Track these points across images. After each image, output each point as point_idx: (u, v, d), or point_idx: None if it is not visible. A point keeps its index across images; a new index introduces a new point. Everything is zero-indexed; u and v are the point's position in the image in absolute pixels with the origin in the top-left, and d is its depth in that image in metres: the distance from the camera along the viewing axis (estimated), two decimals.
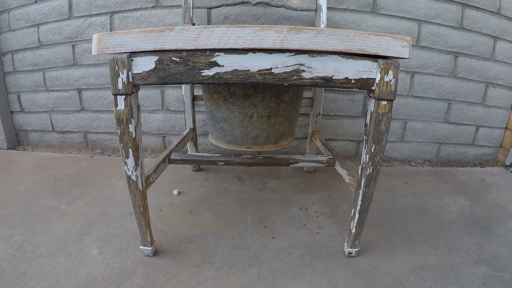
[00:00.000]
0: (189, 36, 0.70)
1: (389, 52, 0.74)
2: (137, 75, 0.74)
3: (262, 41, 0.71)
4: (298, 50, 0.73)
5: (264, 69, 0.74)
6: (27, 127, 1.95)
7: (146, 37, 0.71)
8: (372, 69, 0.76)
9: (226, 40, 0.70)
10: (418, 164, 1.77)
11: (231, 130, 1.07)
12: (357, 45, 0.73)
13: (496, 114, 1.83)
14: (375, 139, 0.80)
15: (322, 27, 1.31)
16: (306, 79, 0.75)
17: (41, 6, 1.73)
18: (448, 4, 1.62)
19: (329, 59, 0.74)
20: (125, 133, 0.79)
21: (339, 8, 1.54)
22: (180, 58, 0.73)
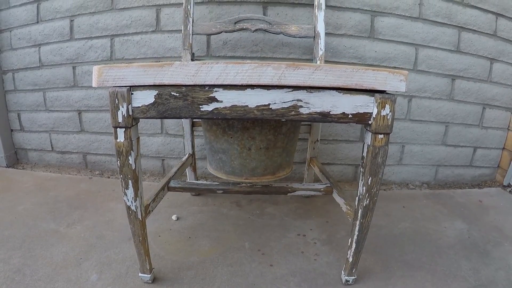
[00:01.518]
0: (188, 72, 0.71)
1: (386, 86, 0.76)
2: (137, 108, 0.75)
3: (261, 78, 0.72)
4: (296, 86, 0.74)
5: (262, 105, 0.75)
6: (26, 146, 1.96)
7: (145, 72, 0.72)
8: (369, 104, 0.76)
9: (225, 77, 0.72)
10: (416, 186, 1.77)
11: (230, 161, 1.08)
12: (354, 80, 0.74)
13: (493, 135, 1.84)
14: (371, 172, 0.81)
15: (320, 54, 1.34)
16: (303, 114, 0.76)
17: (42, 26, 1.75)
18: (445, 28, 1.64)
19: (326, 94, 0.75)
20: (125, 165, 0.79)
21: (337, 34, 1.56)
22: (179, 93, 0.73)
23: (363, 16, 1.56)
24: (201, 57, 1.57)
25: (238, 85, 0.73)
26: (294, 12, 1.53)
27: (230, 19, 1.34)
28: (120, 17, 1.62)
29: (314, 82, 0.73)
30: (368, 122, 0.78)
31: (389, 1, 1.57)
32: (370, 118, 0.77)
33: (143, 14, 1.59)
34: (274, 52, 1.56)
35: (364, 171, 0.83)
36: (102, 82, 0.74)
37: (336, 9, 1.54)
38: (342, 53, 1.58)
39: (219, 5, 1.53)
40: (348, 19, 1.56)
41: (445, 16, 1.63)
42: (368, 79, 0.75)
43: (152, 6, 1.58)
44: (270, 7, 1.53)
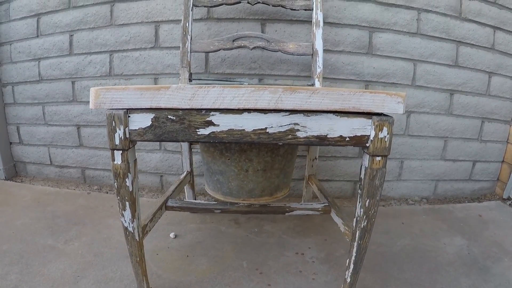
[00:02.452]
0: (185, 96, 0.71)
1: (384, 109, 0.75)
2: (134, 131, 0.75)
3: (257, 102, 0.72)
4: (293, 110, 0.74)
5: (259, 129, 0.75)
6: (25, 159, 1.96)
7: (142, 95, 0.72)
8: (367, 126, 0.76)
9: (221, 101, 0.71)
10: (415, 202, 1.77)
11: (227, 182, 1.08)
12: (351, 103, 0.74)
13: (492, 149, 1.84)
14: (369, 194, 0.81)
15: (318, 72, 1.34)
16: (300, 138, 0.76)
17: (42, 40, 1.76)
18: (443, 43, 1.65)
19: (323, 118, 0.75)
20: (122, 186, 0.79)
21: (335, 51, 1.57)
22: (176, 117, 0.73)
23: (361, 32, 1.57)
24: (200, 74, 1.58)
25: (235, 109, 0.73)
26: (292, 29, 1.54)
27: (228, 37, 1.34)
28: (119, 33, 1.62)
29: (311, 106, 0.73)
30: (366, 145, 0.77)
31: (387, 17, 1.57)
32: (367, 141, 0.77)
33: (142, 30, 1.60)
34: (273, 69, 1.57)
35: (362, 193, 0.82)
36: (99, 104, 0.74)
37: (334, 26, 1.55)
38: (340, 70, 1.58)
39: (218, 22, 1.54)
40: (346, 36, 1.57)
41: (443, 31, 1.64)
42: (365, 102, 0.74)
43: (151, 23, 1.59)
44: (269, 24, 1.54)
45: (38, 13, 1.76)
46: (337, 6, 1.54)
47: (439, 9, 1.63)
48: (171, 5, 1.56)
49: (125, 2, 1.60)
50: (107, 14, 1.63)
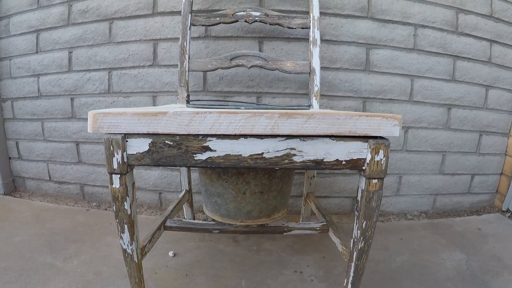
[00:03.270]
0: (182, 122, 0.72)
1: (380, 132, 0.76)
2: (131, 155, 0.75)
3: (254, 127, 0.73)
4: (289, 135, 0.75)
5: (255, 154, 0.75)
6: (24, 174, 1.96)
7: (139, 120, 0.72)
8: (363, 150, 0.76)
9: (218, 126, 0.72)
10: (414, 216, 1.77)
11: (225, 204, 1.08)
12: (347, 127, 0.75)
13: (491, 161, 1.85)
14: (366, 216, 0.81)
15: (316, 90, 1.35)
16: (297, 162, 0.76)
17: (41, 57, 1.77)
18: (440, 58, 1.66)
19: (320, 142, 0.75)
20: (120, 210, 0.79)
21: (333, 68, 1.58)
22: (174, 142, 0.74)
23: (358, 49, 1.58)
24: (198, 92, 1.59)
25: (231, 135, 0.74)
26: (289, 47, 1.55)
27: (226, 56, 1.35)
28: (118, 51, 1.64)
29: (307, 131, 0.73)
30: (362, 168, 0.78)
31: (383, 33, 1.59)
32: (364, 164, 0.77)
33: (140, 48, 1.61)
34: (270, 87, 1.57)
35: (359, 215, 0.82)
36: (97, 129, 0.74)
37: (332, 43, 1.56)
38: (338, 87, 1.59)
39: (216, 40, 1.55)
40: (343, 53, 1.58)
41: (440, 45, 1.65)
42: (361, 126, 0.75)
43: (149, 41, 1.60)
44: (266, 42, 1.55)
45: (38, 29, 1.77)
46: (334, 23, 1.55)
47: (436, 24, 1.64)
48: (169, 23, 1.57)
49: (123, 20, 1.61)
50: (106, 32, 1.64)
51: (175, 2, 1.56)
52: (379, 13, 1.58)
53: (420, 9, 1.61)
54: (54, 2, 1.73)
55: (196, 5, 1.53)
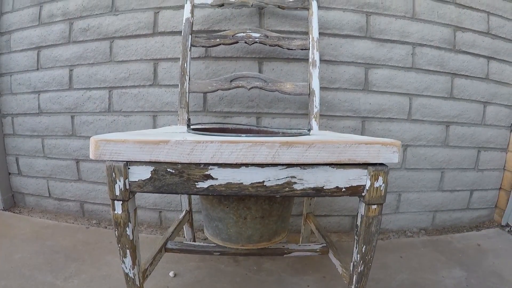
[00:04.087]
0: (184, 150, 0.73)
1: (379, 159, 0.77)
2: (133, 182, 0.76)
3: (255, 157, 0.73)
4: (290, 164, 0.75)
5: (256, 182, 0.76)
6: (24, 190, 1.96)
7: (141, 149, 0.73)
8: (362, 176, 0.77)
9: (219, 156, 0.73)
10: (413, 233, 1.77)
11: (226, 229, 1.08)
12: (347, 155, 0.76)
13: (489, 177, 1.86)
14: (365, 240, 0.81)
15: (315, 112, 1.36)
16: (297, 190, 0.77)
17: (42, 74, 1.78)
18: (438, 76, 1.67)
19: (320, 170, 0.76)
20: (122, 235, 0.80)
21: (332, 88, 1.59)
22: (175, 170, 0.74)
23: (357, 69, 1.60)
24: (198, 112, 1.59)
25: (233, 164, 0.74)
26: (289, 67, 1.56)
27: (226, 77, 1.36)
28: (118, 70, 1.65)
29: (307, 160, 0.74)
30: (362, 194, 0.78)
31: (382, 53, 1.60)
32: (363, 190, 0.78)
33: (140, 68, 1.62)
34: (270, 108, 1.58)
35: (358, 239, 0.83)
36: (100, 156, 0.75)
37: (331, 63, 1.58)
38: (337, 107, 1.60)
39: (216, 61, 1.57)
40: (342, 73, 1.59)
41: (438, 64, 1.67)
42: (361, 154, 0.76)
43: (150, 60, 1.61)
44: (266, 62, 1.56)
45: (39, 46, 1.79)
46: (333, 43, 1.57)
47: (433, 42, 1.66)
48: (170, 43, 1.59)
49: (124, 39, 1.63)
50: (107, 50, 1.65)
51: (176, 22, 1.58)
52: (377, 32, 1.60)
53: (418, 28, 1.64)
54: (56, 20, 1.75)
55: (196, 25, 1.54)
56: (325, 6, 1.56)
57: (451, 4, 1.69)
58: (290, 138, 0.79)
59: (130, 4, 1.62)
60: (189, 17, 1.39)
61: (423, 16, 1.65)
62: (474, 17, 1.74)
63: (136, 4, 1.61)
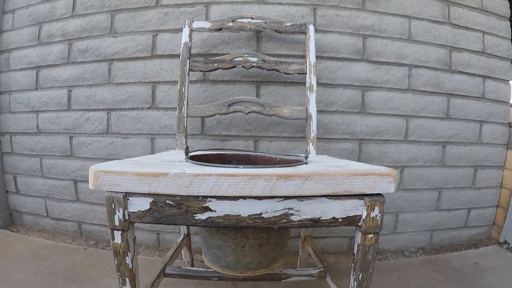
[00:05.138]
0: (182, 183, 0.73)
1: (375, 190, 0.78)
2: (133, 213, 0.76)
3: (252, 190, 0.74)
4: (287, 196, 0.76)
5: (254, 214, 0.76)
6: (21, 209, 1.95)
7: (140, 181, 0.74)
8: (359, 207, 0.79)
9: (218, 189, 0.73)
10: (411, 253, 1.77)
11: (224, 257, 1.08)
12: (343, 187, 0.77)
13: (486, 195, 1.87)
14: (362, 268, 0.82)
15: (312, 136, 1.37)
16: (294, 221, 0.78)
17: (41, 93, 1.79)
18: (434, 96, 1.69)
19: (317, 202, 0.77)
20: (122, 264, 0.80)
21: (329, 111, 1.60)
22: (174, 202, 0.75)
23: (354, 92, 1.61)
24: (196, 135, 1.60)
25: (231, 196, 0.75)
26: (286, 91, 1.58)
27: (223, 102, 1.37)
28: (117, 92, 1.66)
29: (304, 192, 0.75)
30: (358, 224, 0.79)
31: (379, 75, 1.62)
32: (360, 220, 0.79)
33: (139, 90, 1.63)
34: (268, 131, 1.59)
35: (355, 267, 0.83)
36: (99, 186, 0.75)
37: (328, 86, 1.59)
38: (334, 130, 1.61)
39: (214, 84, 1.58)
40: (339, 96, 1.60)
41: (434, 84, 1.69)
42: (357, 185, 0.77)
43: (148, 83, 1.62)
44: (263, 86, 1.57)
45: (38, 66, 1.80)
46: (330, 67, 1.59)
47: (430, 63, 1.68)
48: (168, 66, 1.60)
49: (123, 61, 1.64)
50: (105, 72, 1.67)
51: (174, 46, 1.59)
52: (374, 55, 1.62)
53: (414, 49, 1.66)
54: (55, 40, 1.76)
55: (194, 48, 1.56)
56: (322, 30, 1.58)
57: (446, 24, 1.72)
58: (287, 169, 0.79)
59: (128, 26, 1.64)
60: (187, 41, 1.40)
61: (419, 37, 1.67)
62: (469, 37, 1.76)
63: (134, 27, 1.63)
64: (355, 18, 1.61)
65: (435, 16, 1.70)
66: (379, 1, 1.63)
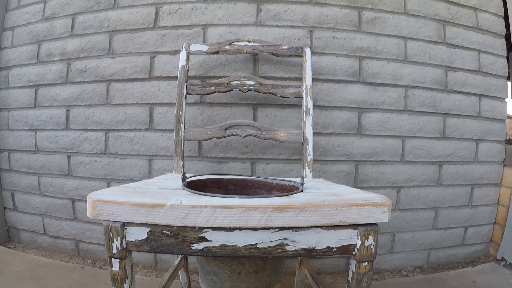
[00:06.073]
0: (179, 214, 0.74)
1: (369, 219, 0.79)
2: (130, 242, 0.77)
3: (248, 221, 0.75)
4: (282, 227, 0.77)
5: (250, 244, 0.77)
6: (19, 226, 1.95)
7: (138, 211, 0.74)
8: (353, 236, 0.79)
9: (214, 220, 0.74)
10: (408, 272, 1.76)
11: (220, 283, 1.09)
12: (338, 218, 0.77)
13: (483, 212, 1.87)
14: None
15: (309, 160, 1.37)
16: (289, 251, 0.79)
17: (39, 112, 1.80)
18: (430, 117, 1.70)
19: (311, 232, 0.78)
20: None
21: (325, 133, 1.61)
22: (171, 232, 0.76)
23: (350, 113, 1.62)
24: (193, 157, 1.61)
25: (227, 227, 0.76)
26: (283, 113, 1.59)
27: (220, 125, 1.38)
28: (115, 113, 1.67)
29: (299, 223, 0.76)
30: (353, 253, 0.80)
31: (375, 97, 1.63)
32: (354, 249, 0.80)
33: (137, 112, 1.64)
34: (264, 153, 1.60)
35: None
36: (97, 215, 0.77)
37: (324, 109, 1.60)
38: (330, 152, 1.62)
39: (211, 106, 1.59)
40: (336, 118, 1.61)
41: (430, 105, 1.70)
42: (351, 215, 0.78)
43: (146, 105, 1.63)
44: (260, 109, 1.58)
45: (36, 84, 1.82)
46: (326, 89, 1.60)
47: (425, 84, 1.69)
48: (165, 88, 1.61)
49: (120, 82, 1.66)
50: (103, 93, 1.68)
51: (171, 67, 1.61)
52: (370, 76, 1.63)
53: (410, 70, 1.67)
54: (54, 59, 1.78)
55: (192, 70, 1.57)
56: (318, 52, 1.60)
57: (442, 44, 1.73)
58: (282, 200, 0.80)
59: (126, 47, 1.65)
60: (184, 64, 1.42)
61: (415, 58, 1.69)
62: (465, 56, 1.78)
63: (132, 48, 1.65)
64: (352, 40, 1.62)
65: (431, 36, 1.72)
66: (375, 23, 1.65)
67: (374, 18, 1.66)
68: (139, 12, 1.66)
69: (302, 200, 0.82)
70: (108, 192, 0.83)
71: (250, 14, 1.61)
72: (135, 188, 0.91)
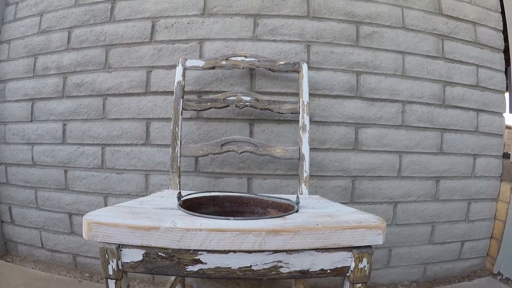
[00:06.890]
0: (174, 237, 0.75)
1: (364, 242, 0.79)
2: (126, 263, 0.78)
3: (242, 244, 0.75)
4: (276, 250, 0.77)
5: (244, 266, 0.77)
6: (16, 239, 1.95)
7: (133, 234, 0.75)
8: (347, 259, 0.80)
9: (208, 243, 0.75)
10: (405, 286, 1.76)
11: None
12: (332, 240, 0.78)
13: (480, 227, 1.87)
14: None
15: (305, 176, 1.37)
16: (284, 273, 0.79)
17: (36, 126, 1.80)
18: (428, 132, 1.71)
19: (306, 254, 0.78)
20: None
21: (322, 148, 1.61)
22: (166, 254, 0.76)
23: (347, 129, 1.62)
24: (190, 172, 1.60)
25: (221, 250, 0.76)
26: (280, 129, 1.59)
27: (217, 142, 1.38)
28: (111, 127, 1.66)
29: (293, 246, 0.77)
30: (347, 275, 0.81)
31: (372, 112, 1.64)
32: (348, 271, 0.80)
33: (133, 126, 1.64)
34: (261, 169, 1.59)
35: None
36: (93, 237, 0.77)
37: (321, 124, 1.60)
38: (327, 167, 1.62)
39: (207, 122, 1.59)
40: (332, 133, 1.61)
41: (427, 120, 1.70)
42: (346, 238, 0.78)
43: (142, 119, 1.63)
44: (257, 124, 1.58)
45: (33, 98, 1.82)
46: (323, 104, 1.60)
47: (423, 99, 1.70)
48: (162, 103, 1.62)
49: (117, 97, 1.66)
50: (100, 107, 1.68)
51: (168, 83, 1.61)
52: (367, 92, 1.63)
53: (407, 85, 1.67)
54: (50, 73, 1.78)
55: (188, 85, 1.57)
56: (316, 67, 1.60)
57: (440, 59, 1.74)
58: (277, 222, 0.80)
59: (123, 62, 1.66)
60: (180, 80, 1.42)
61: (413, 73, 1.69)
62: (463, 71, 1.78)
63: (129, 62, 1.65)
64: (349, 54, 1.63)
65: (429, 51, 1.72)
66: (373, 37, 1.66)
67: (372, 32, 1.66)
68: (135, 26, 1.66)
69: (296, 222, 0.82)
70: (104, 213, 0.83)
71: (247, 29, 1.61)
72: (130, 208, 0.91)
